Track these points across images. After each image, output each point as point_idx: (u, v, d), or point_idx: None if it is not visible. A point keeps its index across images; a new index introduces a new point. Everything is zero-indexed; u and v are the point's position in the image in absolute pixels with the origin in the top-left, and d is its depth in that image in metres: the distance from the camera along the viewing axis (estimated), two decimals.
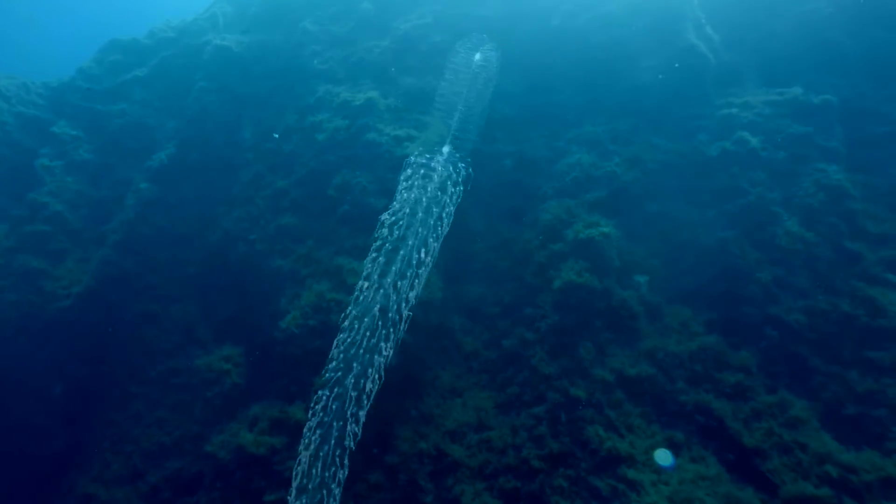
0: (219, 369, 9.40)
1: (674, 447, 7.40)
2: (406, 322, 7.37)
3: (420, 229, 7.83)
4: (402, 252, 7.71)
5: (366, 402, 7.05)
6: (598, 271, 8.50)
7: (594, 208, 9.23)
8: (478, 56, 9.38)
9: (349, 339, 7.29)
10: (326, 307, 8.58)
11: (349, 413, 6.97)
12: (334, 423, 6.99)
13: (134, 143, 11.87)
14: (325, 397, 7.09)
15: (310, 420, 7.06)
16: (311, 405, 7.11)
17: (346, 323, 7.37)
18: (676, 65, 9.94)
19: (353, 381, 7.12)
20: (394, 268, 7.62)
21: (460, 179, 8.40)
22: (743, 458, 7.07)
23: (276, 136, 10.51)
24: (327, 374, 7.18)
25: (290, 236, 9.63)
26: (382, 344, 7.25)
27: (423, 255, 7.67)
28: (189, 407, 9.57)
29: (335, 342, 7.30)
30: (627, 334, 8.33)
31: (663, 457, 7.42)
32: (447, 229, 8.04)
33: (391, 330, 7.31)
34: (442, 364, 8.90)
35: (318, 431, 6.96)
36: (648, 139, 9.82)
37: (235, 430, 8.69)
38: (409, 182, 8.09)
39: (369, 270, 7.58)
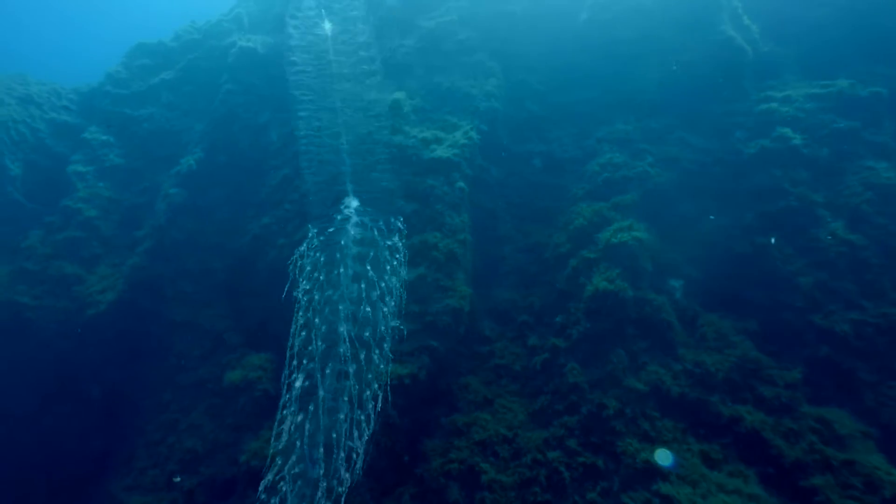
0: (249, 377, 9.46)
1: (710, 461, 7.18)
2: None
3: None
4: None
5: None
6: (630, 277, 8.25)
7: (626, 211, 8.96)
8: None
9: None
10: None
11: None
12: None
13: (162, 147, 11.95)
14: None
15: None
16: None
17: None
18: (711, 61, 9.55)
19: None
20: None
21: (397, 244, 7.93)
22: (784, 474, 6.82)
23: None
24: None
25: None
26: None
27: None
28: (221, 413, 9.67)
29: None
30: (662, 343, 8.09)
31: (663, 457, 7.30)
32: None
33: None
34: (472, 371, 8.80)
35: None
36: (682, 137, 9.49)
37: (267, 437, 8.74)
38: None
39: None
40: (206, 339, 10.41)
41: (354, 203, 8.40)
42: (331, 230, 7.93)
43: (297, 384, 6.90)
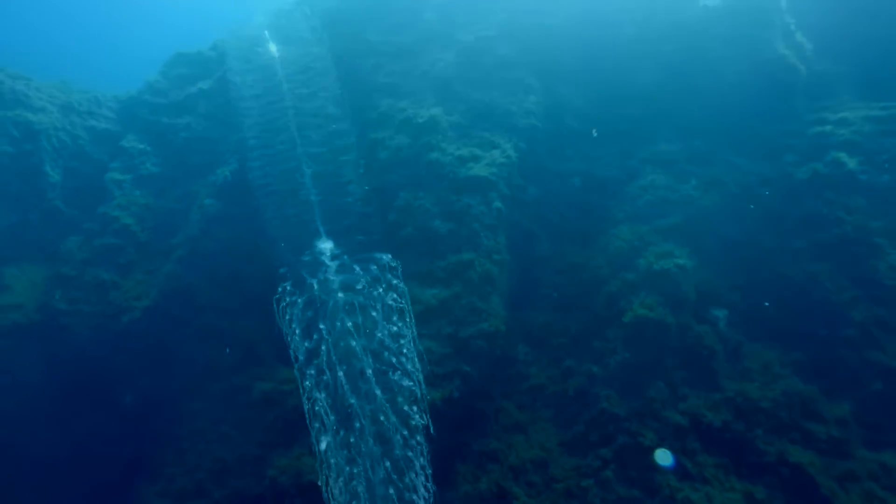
0: (280, 389, 9.41)
1: (754, 503, 6.88)
2: None
3: None
4: None
5: None
6: (671, 305, 7.98)
7: (668, 235, 8.68)
8: None
9: None
10: None
11: None
12: None
13: (198, 156, 11.99)
14: None
15: None
16: None
17: None
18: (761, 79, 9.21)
19: None
20: None
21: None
22: None
23: None
24: None
25: None
26: None
27: None
28: (251, 426, 9.63)
29: None
30: (703, 374, 7.80)
31: (663, 457, 7.18)
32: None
33: None
34: (505, 396, 8.60)
35: None
36: (729, 159, 9.16)
37: (297, 453, 8.68)
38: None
39: None
40: (238, 349, 10.39)
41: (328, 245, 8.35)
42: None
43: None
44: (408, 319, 7.45)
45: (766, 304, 8.22)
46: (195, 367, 10.63)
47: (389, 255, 7.98)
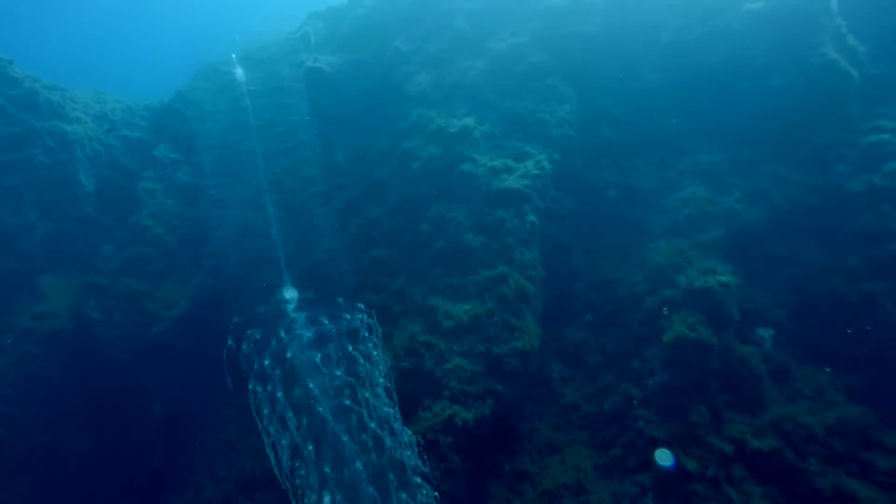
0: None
1: None
2: None
3: None
4: None
5: None
6: (714, 325, 7.60)
7: (710, 250, 8.32)
8: None
9: None
10: (419, 351, 8.21)
11: None
12: None
13: (229, 165, 12.00)
14: None
15: None
16: None
17: None
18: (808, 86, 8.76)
19: None
20: None
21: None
22: None
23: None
24: None
25: (383, 270, 9.34)
26: None
27: None
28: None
29: None
30: (749, 399, 7.41)
31: (663, 457, 6.99)
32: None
33: None
34: (539, 415, 8.35)
35: None
36: (774, 170, 8.74)
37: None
38: None
39: None
40: None
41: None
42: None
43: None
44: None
45: (815, 324, 7.81)
46: (224, 377, 10.60)
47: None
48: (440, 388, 7.80)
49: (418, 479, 6.63)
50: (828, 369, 7.52)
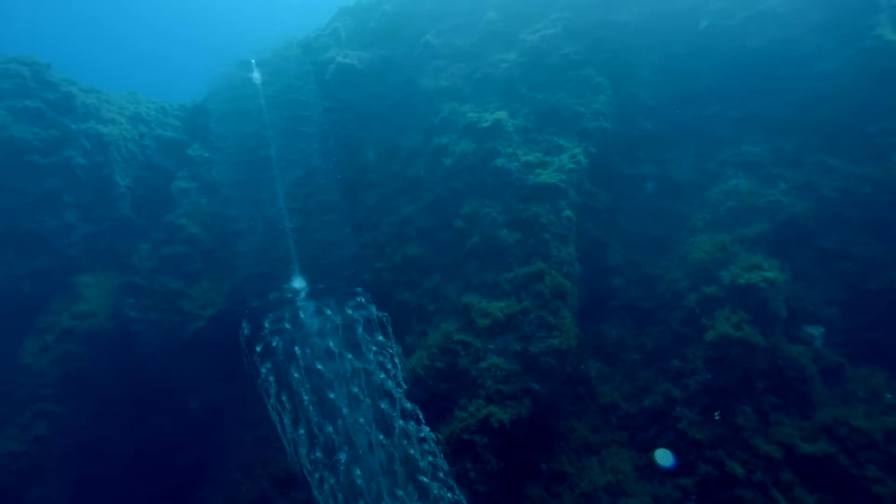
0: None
1: None
2: None
3: None
4: None
5: None
6: (760, 323, 7.30)
7: (755, 245, 7.99)
8: None
9: None
10: (454, 349, 8.09)
11: None
12: None
13: (262, 163, 12.03)
14: None
15: None
16: None
17: None
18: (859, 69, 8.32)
19: None
20: None
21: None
22: None
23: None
24: None
25: (417, 268, 9.24)
26: None
27: None
28: None
29: None
30: (798, 400, 7.10)
31: (663, 457, 6.93)
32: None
33: None
34: (576, 414, 8.15)
35: None
36: (823, 160, 8.35)
37: None
38: None
39: None
40: None
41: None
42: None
43: None
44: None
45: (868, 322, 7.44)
46: (259, 375, 10.66)
47: None
48: (476, 387, 7.68)
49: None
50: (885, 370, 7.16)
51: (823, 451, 6.63)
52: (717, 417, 6.89)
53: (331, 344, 7.75)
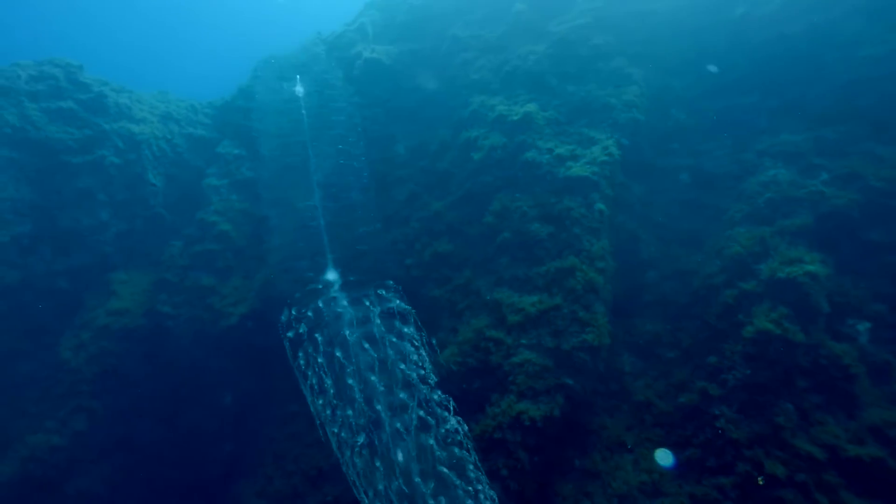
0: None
1: None
2: None
3: None
4: None
5: None
6: (801, 319, 7.07)
7: (795, 238, 7.73)
8: None
9: None
10: (485, 346, 8.01)
11: None
12: None
13: (292, 159, 12.08)
14: None
15: None
16: None
17: None
18: None
19: None
20: None
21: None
22: None
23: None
24: None
25: (447, 264, 9.17)
26: None
27: None
28: None
29: None
30: (842, 400, 6.85)
31: (663, 457, 6.87)
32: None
33: None
34: (609, 411, 8.02)
35: None
36: (869, 149, 8.03)
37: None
38: None
39: None
40: None
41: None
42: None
43: None
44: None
45: None
46: (291, 371, 10.73)
47: None
48: (507, 382, 7.61)
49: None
50: None
51: (871, 455, 6.39)
52: (760, 482, 6.68)
53: (366, 333, 7.78)
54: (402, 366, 7.54)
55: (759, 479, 6.64)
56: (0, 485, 9.97)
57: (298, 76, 11.64)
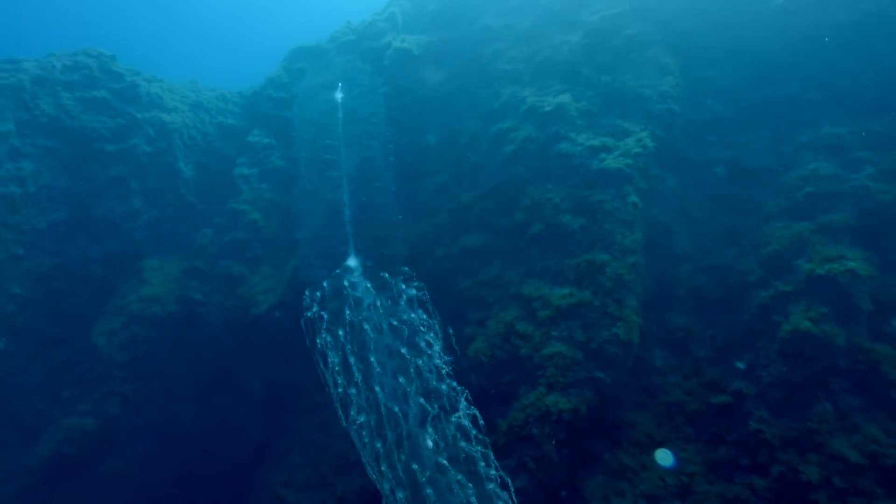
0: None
1: None
2: None
3: None
4: None
5: None
6: (841, 318, 6.88)
7: (837, 234, 7.51)
8: None
9: None
10: (515, 338, 7.97)
11: None
12: None
13: (323, 151, 12.09)
14: None
15: None
16: None
17: None
18: None
19: None
20: None
21: None
22: None
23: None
24: None
25: (476, 257, 9.11)
26: None
27: None
28: None
29: None
30: (883, 402, 6.65)
31: (663, 457, 6.84)
32: None
33: None
34: (640, 405, 7.92)
35: None
36: None
37: None
38: None
39: None
40: None
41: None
42: None
43: None
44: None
45: None
46: (316, 360, 10.81)
47: None
48: (537, 375, 7.56)
49: None
50: None
51: None
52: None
53: (390, 324, 7.81)
54: (422, 359, 7.55)
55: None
56: (36, 466, 10.27)
57: (328, 68, 11.65)
